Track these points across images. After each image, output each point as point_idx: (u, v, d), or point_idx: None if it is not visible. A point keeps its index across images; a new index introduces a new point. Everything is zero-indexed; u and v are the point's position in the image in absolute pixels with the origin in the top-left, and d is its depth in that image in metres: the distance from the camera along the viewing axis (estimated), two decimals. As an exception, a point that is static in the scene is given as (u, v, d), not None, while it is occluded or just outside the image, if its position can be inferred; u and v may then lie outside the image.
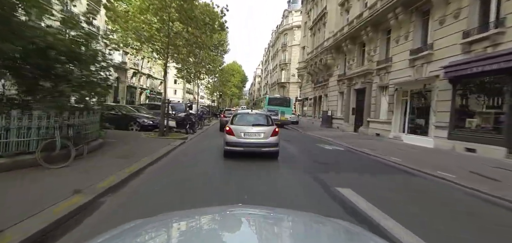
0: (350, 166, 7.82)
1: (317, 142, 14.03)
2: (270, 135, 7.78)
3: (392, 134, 15.40)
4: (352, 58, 21.87)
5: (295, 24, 55.52)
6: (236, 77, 73.33)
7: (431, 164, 8.05)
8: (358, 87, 20.45)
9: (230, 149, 7.68)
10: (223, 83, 53.81)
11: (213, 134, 16.44)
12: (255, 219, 1.37)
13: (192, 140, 12.21)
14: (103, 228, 1.28)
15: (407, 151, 11.27)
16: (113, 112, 13.00)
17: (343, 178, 6.25)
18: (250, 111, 9.42)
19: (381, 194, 5.11)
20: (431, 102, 12.61)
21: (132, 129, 12.88)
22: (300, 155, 9.40)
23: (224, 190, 5.05)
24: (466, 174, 7.03)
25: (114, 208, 3.89)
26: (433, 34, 12.99)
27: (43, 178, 4.77)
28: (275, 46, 68.47)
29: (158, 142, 9.84)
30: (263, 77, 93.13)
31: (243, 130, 7.76)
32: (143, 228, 1.21)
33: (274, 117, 10.20)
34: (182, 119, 13.66)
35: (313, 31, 32.19)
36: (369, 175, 6.73)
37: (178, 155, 8.37)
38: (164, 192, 4.78)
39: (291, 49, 55.99)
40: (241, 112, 9.60)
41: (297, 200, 4.59)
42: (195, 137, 13.49)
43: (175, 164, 7.10)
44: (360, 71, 19.62)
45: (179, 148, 9.55)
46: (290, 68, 55.60)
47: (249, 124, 8.05)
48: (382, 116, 17.34)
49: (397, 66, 15.54)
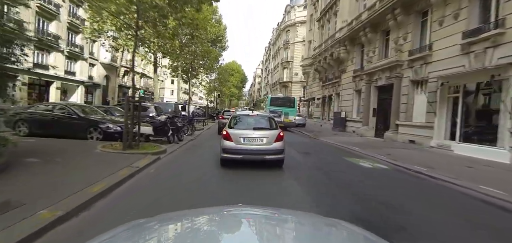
0: (436, 219, 4.27)
1: (343, 154, 10.57)
2: (274, 140, 6.81)
3: (435, 142, 11.96)
4: (372, 50, 18.45)
5: (297, 20, 52.40)
6: (236, 77, 70.28)
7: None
8: (381, 84, 17.02)
9: (228, 157, 6.75)
10: (221, 82, 50.65)
11: (207, 141, 12.98)
12: (255, 219, 1.37)
13: (173, 154, 8.75)
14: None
15: (482, 169, 7.84)
16: (60, 114, 9.51)
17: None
18: (251, 113, 8.18)
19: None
20: (504, 100, 9.15)
21: (92, 137, 9.38)
22: (334, 188, 5.89)
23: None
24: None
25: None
26: (503, 6, 9.55)
27: None
28: (276, 44, 65.21)
29: (114, 161, 6.38)
30: (263, 77, 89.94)
31: (243, 134, 6.83)
32: (143, 228, 1.21)
33: (277, 119, 9.14)
34: (161, 124, 10.20)
35: (321, 23, 28.78)
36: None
37: (134, 189, 4.91)
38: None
39: (293, 47, 52.74)
40: (240, 114, 8.62)
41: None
42: (179, 147, 10.05)
43: (113, 216, 3.64)
44: (385, 64, 16.20)
45: (145, 172, 6.08)
46: (293, 66, 52.41)
47: (250, 128, 7.10)
48: (417, 119, 13.90)
49: (441, 54, 12.11)
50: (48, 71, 27.46)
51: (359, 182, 6.20)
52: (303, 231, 1.29)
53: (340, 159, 9.32)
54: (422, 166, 7.85)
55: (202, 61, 23.33)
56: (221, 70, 48.61)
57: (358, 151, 11.25)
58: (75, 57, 31.67)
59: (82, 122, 9.41)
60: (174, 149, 9.30)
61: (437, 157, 9.79)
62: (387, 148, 12.03)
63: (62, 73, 29.26)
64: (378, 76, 17.13)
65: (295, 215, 1.55)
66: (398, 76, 15.13)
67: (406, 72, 14.68)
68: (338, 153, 10.87)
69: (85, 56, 32.80)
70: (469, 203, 5.13)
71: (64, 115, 9.54)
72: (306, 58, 35.25)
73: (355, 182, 6.16)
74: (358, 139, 16.63)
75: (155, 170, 6.29)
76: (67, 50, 29.51)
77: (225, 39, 41.93)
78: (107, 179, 4.88)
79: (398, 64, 15.04)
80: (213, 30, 30.46)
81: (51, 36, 26.98)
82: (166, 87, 72.27)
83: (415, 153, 10.72)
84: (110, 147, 7.96)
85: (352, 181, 6.23)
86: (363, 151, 11.24)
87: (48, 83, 28.49)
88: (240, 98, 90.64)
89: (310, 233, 1.26)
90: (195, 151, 9.73)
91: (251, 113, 8.03)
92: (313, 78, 32.49)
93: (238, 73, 73.02)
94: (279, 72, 57.83)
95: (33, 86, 27.40)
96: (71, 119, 9.43)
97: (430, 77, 12.73)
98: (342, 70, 23.40)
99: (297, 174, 6.60)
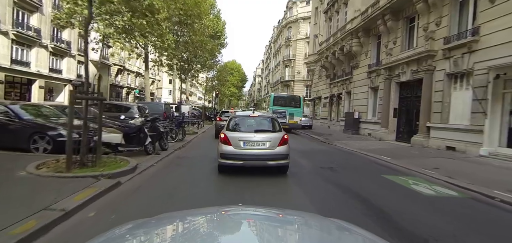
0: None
1: (377, 169, 8.06)
2: (278, 144, 6.13)
3: (486, 149, 9.45)
4: (392, 40, 15.93)
5: (300, 16, 50.00)
6: (235, 76, 67.86)
7: None
8: (405, 79, 14.49)
9: (226, 163, 6.09)
10: (220, 81, 48.19)
11: (200, 148, 10.50)
12: (255, 219, 1.36)
13: (146, 172, 6.22)
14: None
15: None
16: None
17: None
18: (251, 113, 7.37)
19: None
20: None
21: (37, 148, 6.83)
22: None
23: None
24: None
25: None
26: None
27: None
28: (277, 42, 62.74)
29: (31, 195, 3.88)
30: (264, 77, 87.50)
31: (243, 137, 6.18)
32: (143, 228, 1.20)
33: (281, 120, 8.62)
34: (135, 129, 7.68)
35: (328, 14, 26.26)
36: None
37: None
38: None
39: (296, 44, 50.29)
40: (240, 115, 7.91)
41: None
42: (160, 160, 7.54)
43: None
44: (411, 56, 13.68)
45: (70, 222, 3.56)
46: (295, 65, 50.02)
47: (251, 130, 6.48)
48: (456, 121, 11.39)
49: (494, 39, 9.59)
50: (29, 69, 24.99)
51: (443, 233, 3.64)
52: (304, 231, 1.29)
53: (378, 178, 6.79)
54: (506, 191, 5.36)
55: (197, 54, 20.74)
56: (220, 68, 46.30)
57: (391, 163, 8.75)
58: (61, 54, 29.19)
59: (23, 127, 6.83)
60: (149, 164, 6.78)
61: (509, 173, 7.28)
62: (424, 158, 9.53)
63: (46, 71, 26.76)
64: (401, 70, 14.60)
65: (295, 215, 1.56)
66: (429, 69, 12.61)
67: (440, 64, 12.15)
68: (369, 167, 8.36)
69: (73, 53, 30.28)
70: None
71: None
72: (311, 54, 32.72)
73: (439, 234, 3.59)
74: (378, 144, 14.13)
75: (96, 213, 3.73)
76: (51, 46, 27.01)
77: (224, 35, 39.60)
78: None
79: (429, 55, 12.52)
80: (210, 25, 28.17)
81: (32, 30, 24.51)
82: (163, 87, 69.62)
83: (470, 166, 8.20)
84: (51, 165, 5.46)
85: (431, 231, 3.66)
86: (397, 162, 8.73)
87: (30, 82, 26.01)
88: (240, 98, 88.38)
89: (310, 233, 1.27)
90: (179, 166, 7.22)
91: (252, 114, 7.24)
92: (319, 76, 29.97)
93: (238, 73, 70.68)
94: (281, 71, 55.38)
95: (13, 85, 24.95)
96: (8, 124, 6.87)
97: (476, 69, 10.22)
98: (354, 66, 20.88)
99: (332, 213, 4.09)
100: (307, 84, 46.56)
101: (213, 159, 7.30)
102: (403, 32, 15.26)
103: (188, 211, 1.45)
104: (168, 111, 16.66)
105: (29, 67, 25.03)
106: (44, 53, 26.48)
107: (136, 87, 49.36)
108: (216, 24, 34.43)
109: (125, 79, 45.19)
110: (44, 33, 25.89)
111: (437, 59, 12.31)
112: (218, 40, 35.65)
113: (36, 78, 25.86)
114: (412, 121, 14.31)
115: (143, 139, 7.70)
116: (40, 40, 25.23)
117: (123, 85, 44.52)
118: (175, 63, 23.24)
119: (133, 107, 12.67)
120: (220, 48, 37.71)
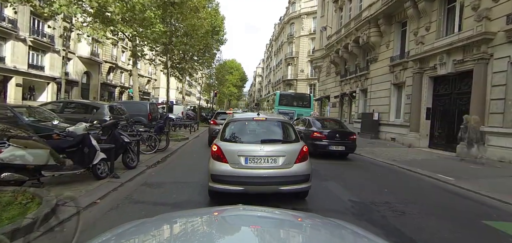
0: None
1: (466, 209, 5.27)
2: (296, 160, 4.25)
3: None
4: (425, 26, 13.12)
5: (303, 11, 47.30)
6: (235, 76, 65.10)
7: None
8: (443, 73, 11.69)
9: (220, 188, 4.17)
10: (219, 80, 45.51)
11: (184, 165, 7.67)
12: (255, 220, 1.35)
13: (70, 225, 3.46)
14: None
15: None
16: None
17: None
18: (256, 116, 4.95)
19: None
20: None
21: None
22: None
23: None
24: None
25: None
26: None
27: None
28: (279, 40, 60.03)
29: None
30: (264, 76, 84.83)
31: (244, 151, 4.24)
32: (143, 228, 1.18)
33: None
34: (75, 141, 4.88)
35: (339, 4, 23.47)
36: None
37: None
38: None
39: (299, 41, 47.52)
40: (239, 118, 5.37)
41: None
42: (112, 191, 4.75)
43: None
44: (455, 42, 10.87)
45: None
46: (298, 62, 47.32)
47: (255, 140, 4.54)
48: (526, 124, 8.61)
49: None
50: (4, 64, 22.22)
51: None
52: (304, 231, 1.28)
53: (484, 232, 4.01)
54: None
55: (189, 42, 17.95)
56: (219, 66, 43.59)
57: (463, 189, 5.94)
58: (43, 49, 26.44)
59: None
60: (86, 203, 3.97)
61: None
62: (501, 177, 6.75)
63: (24, 67, 23.98)
64: (438, 61, 11.78)
65: (295, 215, 1.54)
66: (483, 58, 9.82)
67: (500, 50, 9.35)
68: (444, 200, 5.53)
69: (57, 48, 27.43)
70: None
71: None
72: (317, 49, 29.92)
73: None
74: (411, 152, 11.38)
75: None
76: (30, 39, 24.24)
77: (223, 30, 36.94)
78: None
79: (483, 40, 9.72)
80: (208, 18, 25.56)
81: (6, 21, 21.75)
82: (161, 86, 66.78)
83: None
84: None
85: None
86: (469, 186, 5.92)
87: (6, 79, 23.25)
88: (240, 99, 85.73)
89: (311, 233, 1.26)
90: (139, 204, 4.39)
91: (256, 116, 4.95)
92: (327, 72, 27.17)
93: (238, 72, 67.95)
94: (283, 70, 52.67)
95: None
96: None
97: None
98: (371, 59, 18.09)
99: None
100: (312, 83, 43.77)
101: (200, 185, 4.62)
102: (440, 15, 12.46)
103: (188, 211, 1.55)
104: (154, 112, 13.85)
105: (4, 63, 22.27)
106: (21, 47, 23.74)
107: (130, 86, 46.53)
108: (215, 18, 31.87)
109: (117, 78, 42.29)
110: (22, 25, 23.17)
111: (495, 44, 9.52)
112: (216, 35, 33.13)
113: (12, 74, 23.08)
114: (453, 124, 11.53)
115: (89, 156, 4.89)
116: (16, 32, 22.50)
117: (115, 84, 41.64)
118: (169, 58, 20.52)
119: (103, 107, 9.83)
120: (219, 44, 35.22)
